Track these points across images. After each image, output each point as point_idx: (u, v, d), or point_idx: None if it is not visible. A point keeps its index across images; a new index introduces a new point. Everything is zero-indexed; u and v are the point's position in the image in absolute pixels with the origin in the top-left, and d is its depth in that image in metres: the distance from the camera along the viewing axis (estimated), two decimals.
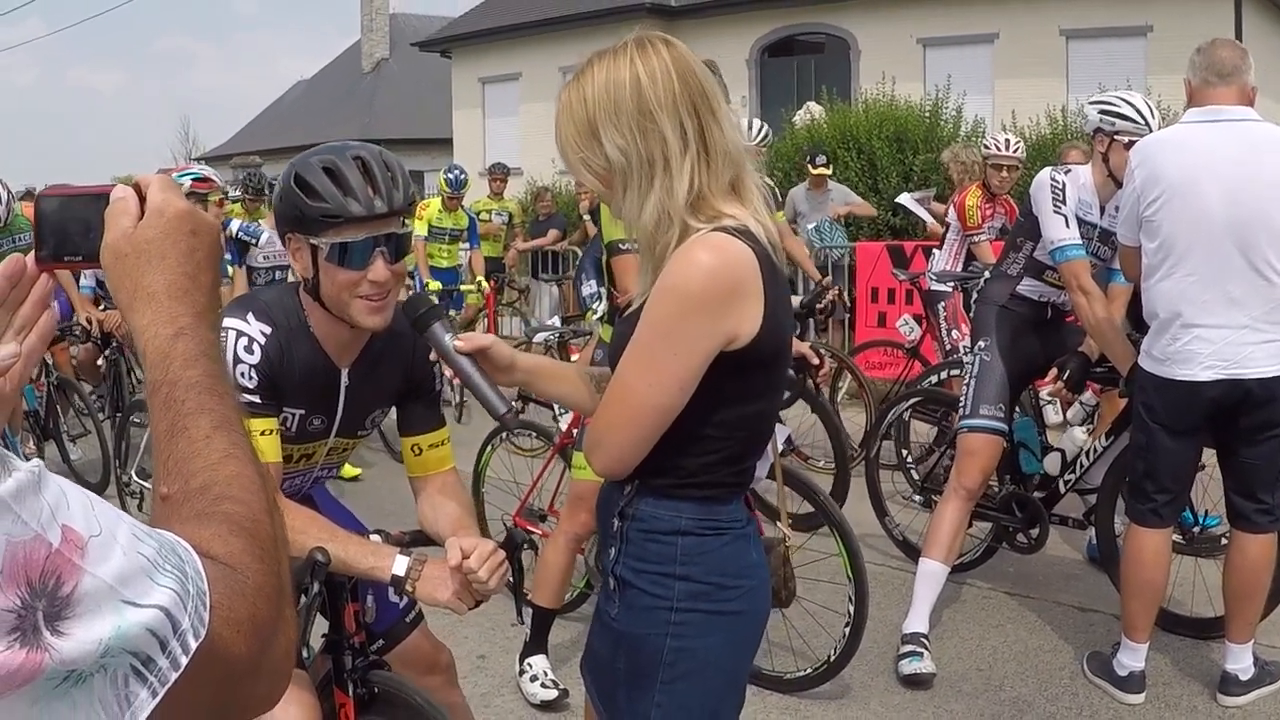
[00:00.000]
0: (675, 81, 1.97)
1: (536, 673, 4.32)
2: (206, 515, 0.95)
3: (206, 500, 0.97)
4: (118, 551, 0.79)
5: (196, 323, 1.08)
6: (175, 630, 0.80)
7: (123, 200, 1.12)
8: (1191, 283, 3.87)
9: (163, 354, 1.06)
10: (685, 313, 1.94)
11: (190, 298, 1.09)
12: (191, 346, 1.06)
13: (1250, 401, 3.89)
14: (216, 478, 0.99)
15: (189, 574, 0.84)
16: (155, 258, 1.09)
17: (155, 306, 1.08)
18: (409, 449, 2.76)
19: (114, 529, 0.80)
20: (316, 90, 40.17)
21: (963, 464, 4.75)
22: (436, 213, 10.31)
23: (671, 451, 2.04)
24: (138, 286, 1.09)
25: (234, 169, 22.48)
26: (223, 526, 0.94)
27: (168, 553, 0.83)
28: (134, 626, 0.78)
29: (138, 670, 0.78)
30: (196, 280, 1.11)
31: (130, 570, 0.79)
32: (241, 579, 0.90)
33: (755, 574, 2.16)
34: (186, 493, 0.98)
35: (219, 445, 1.01)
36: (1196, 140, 3.93)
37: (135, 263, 1.09)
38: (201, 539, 0.90)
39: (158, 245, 1.10)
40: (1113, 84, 5.76)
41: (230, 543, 0.93)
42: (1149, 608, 4.19)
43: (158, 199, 1.12)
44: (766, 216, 2.05)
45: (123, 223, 1.11)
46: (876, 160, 14.24)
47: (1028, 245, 4.79)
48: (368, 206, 2.40)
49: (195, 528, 0.92)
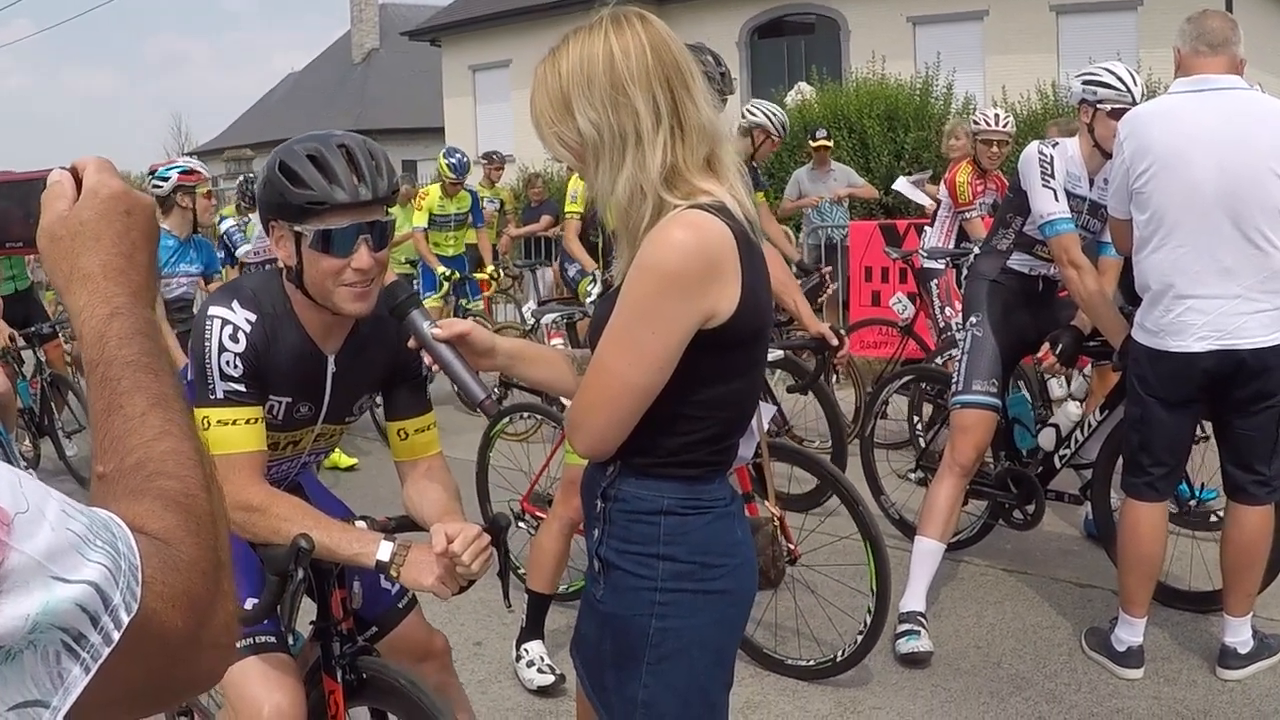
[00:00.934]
0: (649, 55, 1.97)
1: (533, 658, 4.31)
2: (140, 491, 0.95)
3: (141, 477, 0.96)
4: (46, 528, 0.78)
5: (132, 302, 1.08)
6: (107, 606, 0.80)
7: (58, 184, 1.12)
8: (1183, 253, 3.85)
9: (98, 334, 1.05)
10: (663, 291, 1.92)
11: (126, 277, 1.09)
12: (127, 325, 1.06)
13: (1244, 372, 3.87)
14: (151, 454, 0.98)
15: (121, 550, 0.83)
16: (90, 239, 1.09)
17: (91, 287, 1.07)
18: (395, 433, 2.76)
19: (42, 505, 0.79)
20: (307, 82, 40.12)
21: (956, 440, 4.73)
22: (437, 200, 9.85)
23: (653, 431, 2.02)
24: (73, 268, 1.08)
25: (226, 163, 22.45)
26: (156, 502, 0.93)
27: (99, 529, 0.83)
28: (63, 602, 0.77)
29: (69, 646, 0.78)
30: (132, 259, 1.10)
31: (59, 546, 0.78)
32: (175, 553, 0.89)
33: (739, 552, 2.15)
34: (121, 470, 0.97)
35: (154, 422, 1.00)
36: (1185, 110, 3.90)
37: (70, 245, 1.09)
38: (135, 515, 0.90)
39: (92, 226, 1.09)
40: (1103, 58, 5.69)
41: (164, 518, 0.92)
42: (1146, 582, 4.18)
43: (93, 180, 1.12)
44: (743, 193, 2.03)
45: (58, 206, 1.11)
46: (868, 139, 14.22)
47: (1017, 220, 4.76)
48: (352, 194, 2.39)
49: (129, 504, 0.92)
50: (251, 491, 2.41)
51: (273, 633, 2.55)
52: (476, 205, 10.16)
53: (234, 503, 2.39)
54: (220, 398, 2.43)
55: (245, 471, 2.42)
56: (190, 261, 6.53)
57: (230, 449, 2.42)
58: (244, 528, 2.41)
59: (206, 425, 2.43)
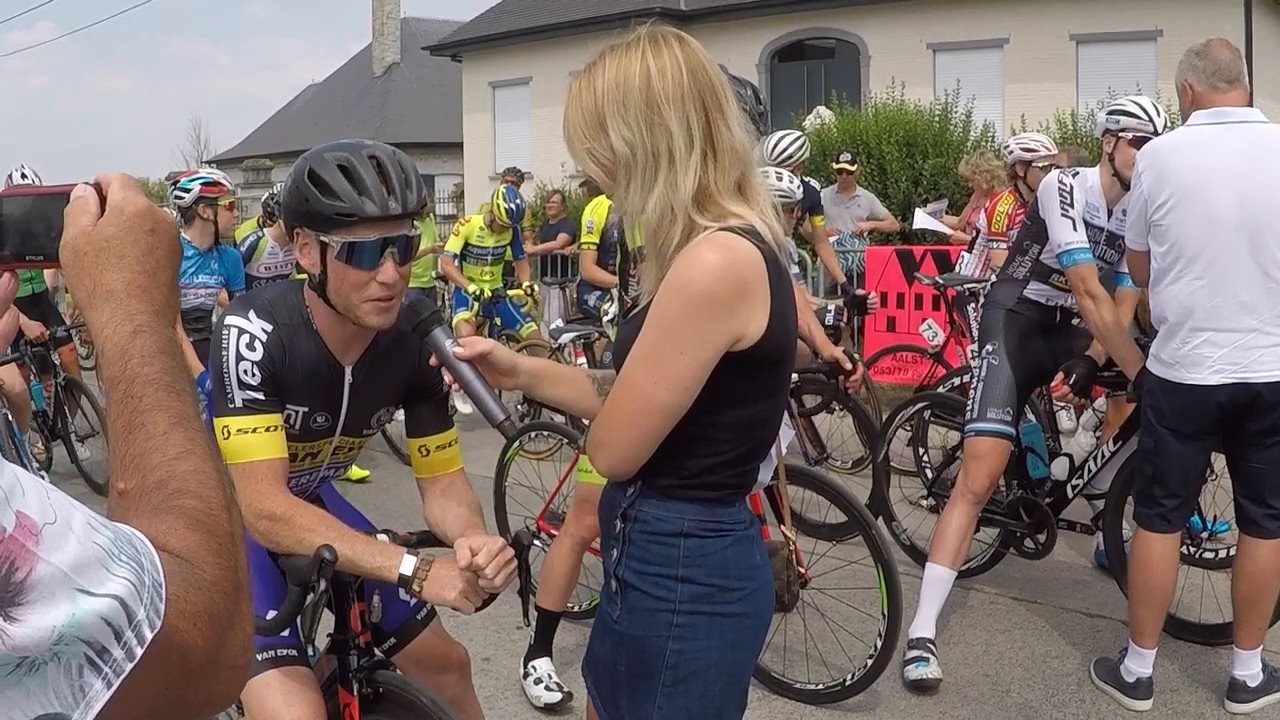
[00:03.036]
0: (685, 77, 1.98)
1: (541, 675, 4.32)
2: (163, 510, 0.95)
3: (163, 495, 0.97)
4: (73, 540, 0.78)
5: (155, 320, 1.09)
6: (130, 621, 0.80)
7: (83, 199, 1.13)
8: (1200, 286, 3.86)
9: (121, 351, 1.06)
10: (692, 311, 1.93)
11: (149, 295, 1.09)
12: (150, 343, 1.06)
13: (1259, 405, 3.87)
14: (174, 473, 0.98)
15: (145, 565, 0.83)
16: (114, 256, 1.10)
17: (114, 304, 1.08)
18: (416, 450, 2.75)
19: (69, 518, 0.80)
20: (328, 94, 40.31)
21: (969, 468, 4.73)
22: (478, 230, 9.40)
23: (675, 452, 2.03)
24: (96, 284, 1.09)
25: (244, 172, 22.55)
26: (179, 520, 0.94)
27: (123, 544, 0.83)
28: (88, 615, 0.77)
29: (92, 660, 0.78)
30: (155, 278, 1.11)
31: (85, 559, 0.78)
32: (198, 572, 0.90)
33: (758, 576, 2.15)
34: (143, 488, 0.97)
35: (177, 441, 1.01)
36: (1204, 142, 3.91)
37: (94, 260, 1.10)
38: (158, 532, 0.90)
39: (117, 243, 1.10)
40: (1123, 89, 5.72)
41: (186, 536, 0.92)
42: (1156, 613, 4.17)
43: (118, 197, 1.13)
44: (772, 217, 2.04)
45: (82, 221, 1.12)
46: (886, 165, 14.25)
47: (1034, 248, 4.77)
48: (382, 207, 2.38)
49: (151, 521, 0.92)
50: (274, 500, 2.41)
51: (293, 645, 2.55)
52: (518, 239, 9.83)
53: (257, 511, 2.40)
54: (239, 406, 2.43)
55: (267, 480, 2.42)
56: (210, 273, 6.54)
57: (251, 457, 2.42)
58: (267, 537, 2.41)
59: (227, 434, 2.44)
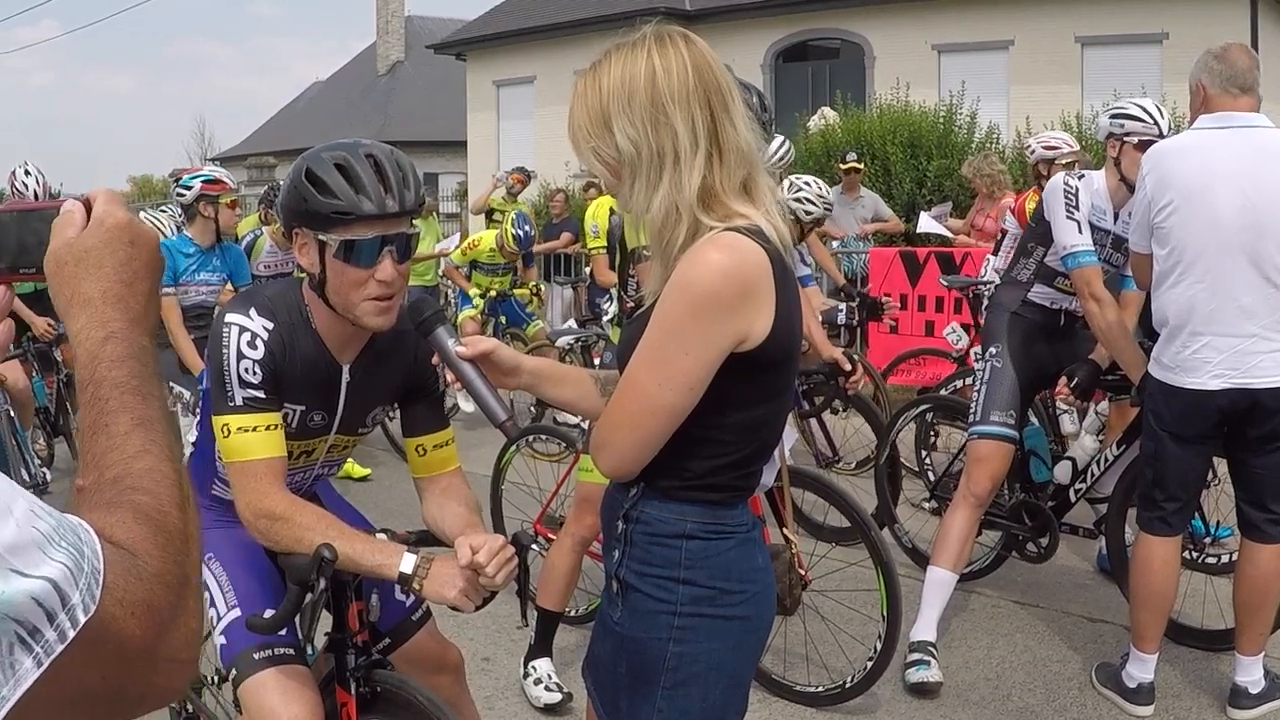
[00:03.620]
0: (691, 76, 1.97)
1: (540, 675, 4.31)
2: (114, 504, 0.98)
3: (117, 490, 1.00)
4: (11, 523, 0.81)
5: (129, 328, 1.13)
6: (64, 604, 0.82)
7: (70, 213, 1.19)
8: (1201, 290, 3.85)
9: (92, 355, 1.10)
10: (697, 311, 1.92)
11: (124, 304, 1.14)
12: (120, 349, 1.11)
13: (1259, 411, 3.86)
14: (129, 470, 1.02)
15: (85, 553, 0.86)
16: (93, 265, 1.15)
17: (90, 311, 1.13)
18: (413, 449, 2.75)
19: (11, 503, 0.83)
20: (331, 92, 40.32)
21: (972, 471, 4.72)
22: (488, 251, 9.43)
23: (679, 454, 2.02)
24: (75, 292, 1.14)
25: (248, 170, 22.55)
26: (128, 514, 0.97)
27: (65, 531, 0.86)
28: (19, 594, 0.79)
29: (23, 639, 0.80)
30: (132, 287, 1.16)
31: (22, 542, 0.81)
32: (140, 564, 0.92)
33: (760, 579, 2.14)
34: (100, 483, 1.01)
35: (136, 441, 1.05)
36: (1209, 146, 3.90)
37: (74, 270, 1.15)
38: (106, 524, 0.93)
39: (96, 254, 1.15)
40: (1128, 91, 5.71)
41: (134, 530, 0.95)
42: (1158, 618, 4.15)
43: (100, 210, 1.18)
44: (778, 218, 2.03)
45: (67, 233, 1.17)
46: (890, 166, 14.23)
47: (1039, 251, 4.76)
48: (380, 205, 2.39)
49: (102, 514, 0.95)
50: (274, 499, 2.41)
51: (291, 644, 2.54)
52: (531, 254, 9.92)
53: (256, 510, 2.40)
54: (240, 404, 2.43)
55: (267, 478, 2.42)
56: (212, 270, 6.51)
57: (251, 455, 2.42)
58: (266, 535, 2.42)
59: (226, 433, 2.44)
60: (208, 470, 2.75)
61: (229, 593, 2.66)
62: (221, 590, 2.67)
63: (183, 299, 6.33)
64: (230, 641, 2.58)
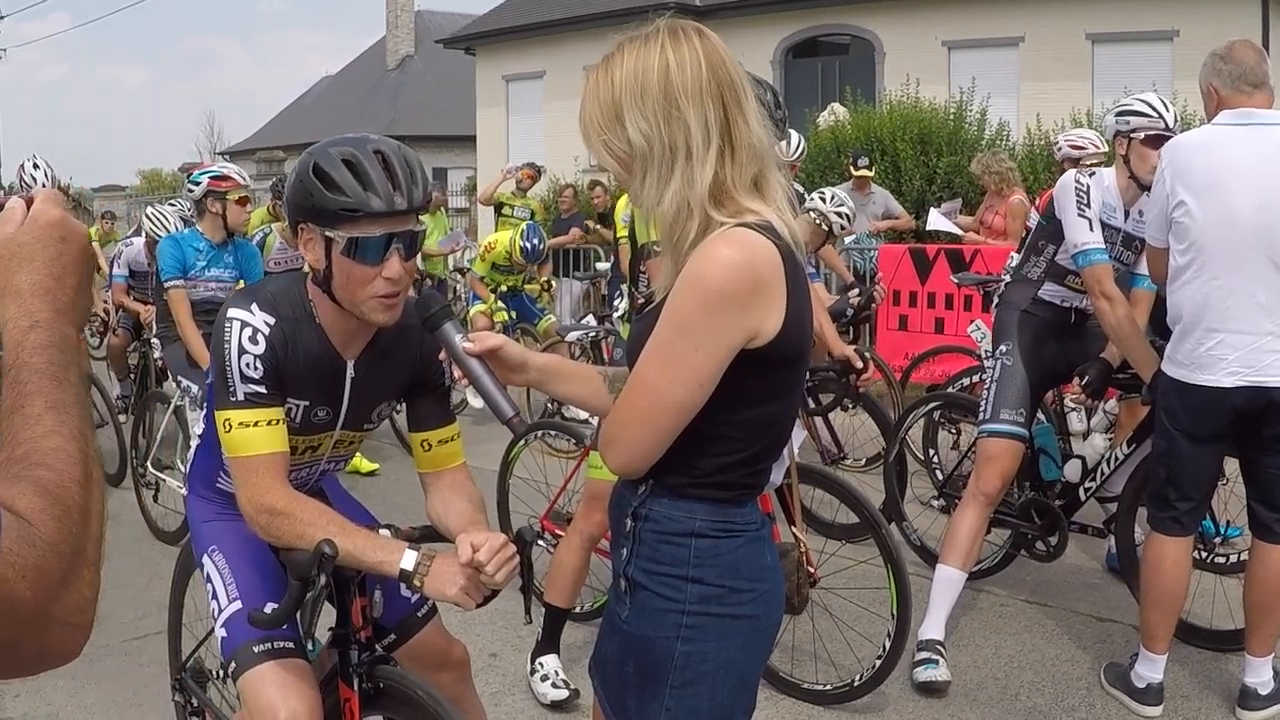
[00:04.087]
0: (704, 71, 1.95)
1: (548, 672, 4.30)
2: (18, 478, 1.06)
3: (23, 465, 1.08)
4: None
5: (54, 318, 1.21)
6: None
7: (10, 210, 1.28)
8: (1216, 286, 3.82)
9: (17, 342, 1.18)
10: (708, 307, 1.90)
11: (52, 296, 1.22)
12: (43, 337, 1.19)
13: (1273, 410, 3.83)
14: (36, 448, 1.10)
15: None
16: (25, 259, 1.24)
17: (19, 302, 1.21)
18: (419, 444, 2.73)
19: None
20: (341, 86, 40.37)
21: (982, 469, 4.70)
22: (503, 255, 9.60)
23: (688, 451, 2.00)
24: (6, 284, 1.22)
25: (257, 164, 22.60)
26: (30, 487, 1.04)
27: None
28: None
29: None
30: (61, 281, 1.24)
31: None
32: (35, 532, 1.00)
33: (769, 578, 2.13)
34: (10, 460, 1.09)
35: (47, 422, 1.12)
36: (1227, 143, 3.87)
37: (8, 264, 1.23)
38: (8, 495, 1.02)
39: (28, 249, 1.24)
40: (1138, 88, 5.66)
41: (33, 501, 1.03)
42: (1168, 618, 4.13)
43: (36, 208, 1.27)
44: (789, 214, 2.01)
45: (6, 229, 1.26)
46: (900, 162, 14.20)
47: (1049, 248, 4.74)
48: (388, 203, 2.37)
49: (7, 487, 1.04)
50: (275, 495, 2.40)
51: (291, 639, 2.54)
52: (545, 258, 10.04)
53: (257, 505, 2.40)
54: (241, 399, 2.43)
55: (269, 474, 2.41)
56: (224, 266, 6.48)
57: (253, 451, 2.42)
58: (267, 531, 2.41)
59: (228, 428, 2.43)
60: (213, 463, 2.74)
61: (231, 585, 2.65)
62: (224, 582, 2.67)
63: (192, 294, 6.33)
64: (231, 634, 2.58)
